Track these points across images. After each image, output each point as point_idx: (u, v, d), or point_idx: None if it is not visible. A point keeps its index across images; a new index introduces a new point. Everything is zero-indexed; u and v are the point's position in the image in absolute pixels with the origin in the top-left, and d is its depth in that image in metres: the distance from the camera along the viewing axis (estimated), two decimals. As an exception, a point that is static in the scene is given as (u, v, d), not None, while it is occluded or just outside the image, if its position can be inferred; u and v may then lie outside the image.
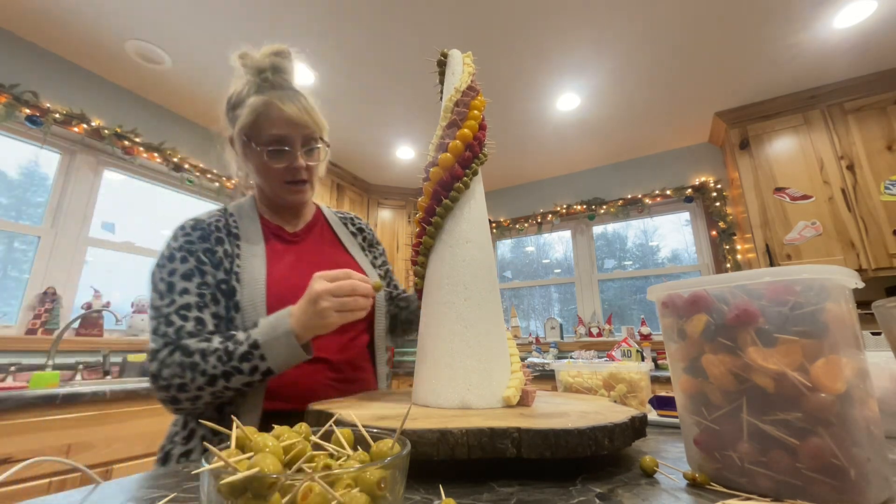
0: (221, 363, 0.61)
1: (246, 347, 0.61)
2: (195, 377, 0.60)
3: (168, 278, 0.68)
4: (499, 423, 0.40)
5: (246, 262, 0.72)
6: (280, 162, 0.75)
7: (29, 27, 1.94)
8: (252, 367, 0.61)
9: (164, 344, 0.63)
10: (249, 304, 0.69)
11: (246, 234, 0.77)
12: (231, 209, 0.82)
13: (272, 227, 0.82)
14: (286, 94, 0.75)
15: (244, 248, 0.75)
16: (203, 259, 0.71)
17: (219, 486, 0.21)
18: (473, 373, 0.54)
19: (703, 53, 2.16)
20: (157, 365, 0.62)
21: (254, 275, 0.71)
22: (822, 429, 0.29)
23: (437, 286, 0.59)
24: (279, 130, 0.73)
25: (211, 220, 0.77)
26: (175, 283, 0.68)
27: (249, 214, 0.81)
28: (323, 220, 0.92)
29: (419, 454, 0.37)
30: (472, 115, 0.64)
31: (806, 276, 0.31)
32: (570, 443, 0.38)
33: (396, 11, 1.88)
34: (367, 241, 0.96)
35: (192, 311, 0.67)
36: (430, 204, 0.62)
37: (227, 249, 0.73)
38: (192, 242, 0.72)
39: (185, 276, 0.69)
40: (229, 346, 0.62)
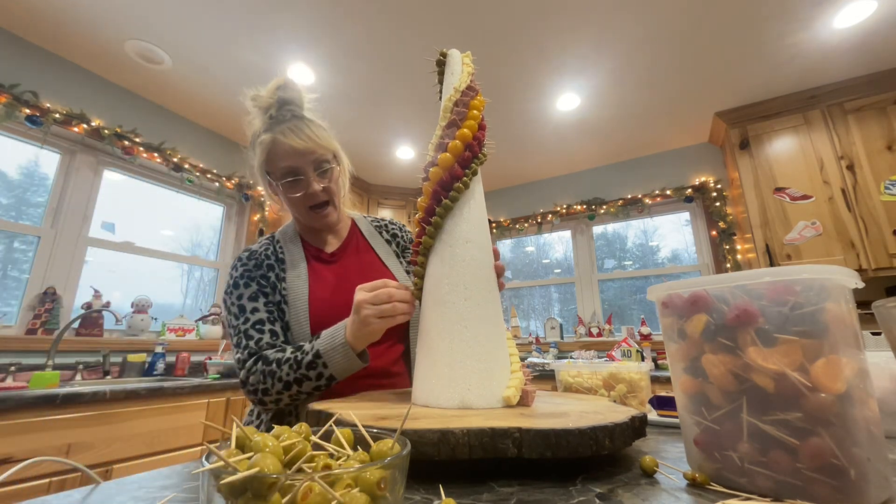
0: (293, 371, 0.69)
1: (311, 357, 0.69)
2: (274, 383, 0.69)
3: (238, 301, 0.78)
4: (499, 423, 0.40)
5: (291, 285, 0.81)
6: (297, 191, 0.81)
7: (29, 27, 1.94)
8: (318, 374, 0.69)
9: (249, 355, 0.73)
10: (296, 323, 0.77)
11: (290, 258, 0.85)
12: (278, 235, 0.90)
13: (312, 250, 0.89)
14: (289, 126, 0.80)
15: (289, 272, 0.83)
16: (262, 283, 0.81)
17: (218, 487, 0.21)
18: (473, 373, 0.54)
19: (703, 53, 2.16)
20: (244, 373, 0.72)
21: (298, 295, 0.79)
22: (822, 429, 0.29)
23: (437, 286, 0.59)
24: (288, 162, 0.79)
25: (261, 248, 0.86)
26: (245, 304, 0.78)
27: (292, 239, 0.89)
28: (358, 234, 0.97)
29: (420, 454, 0.37)
30: (471, 115, 0.64)
31: (806, 276, 0.31)
32: (570, 443, 0.38)
33: (396, 11, 1.88)
34: (401, 246, 0.99)
35: (265, 325, 0.76)
36: (429, 204, 0.62)
37: (277, 274, 0.82)
38: (249, 270, 0.81)
39: (252, 297, 0.79)
40: (298, 355, 0.70)
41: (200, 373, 2.26)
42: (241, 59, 2.16)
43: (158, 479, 0.41)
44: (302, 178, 0.80)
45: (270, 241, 0.89)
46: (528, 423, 0.40)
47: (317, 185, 0.81)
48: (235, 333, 0.76)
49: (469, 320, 0.57)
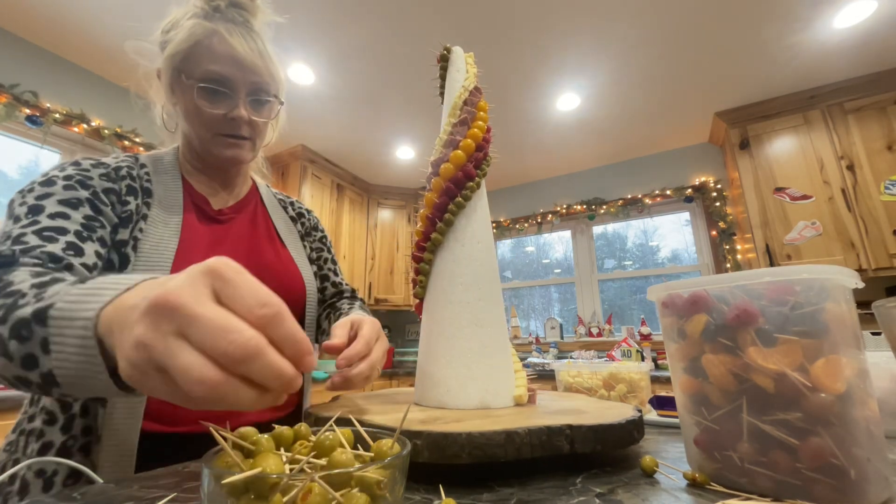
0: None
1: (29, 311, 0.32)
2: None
3: (36, 202, 0.48)
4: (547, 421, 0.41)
5: (152, 230, 0.56)
6: (216, 106, 0.60)
7: (29, 27, 1.94)
8: (26, 356, 0.32)
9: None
10: None
11: (161, 195, 0.60)
12: (144, 160, 0.64)
13: (195, 196, 0.66)
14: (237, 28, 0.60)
15: (155, 210, 0.58)
16: (102, 198, 0.53)
17: (220, 487, 0.21)
18: (490, 373, 0.54)
19: (703, 53, 2.16)
20: None
21: (159, 248, 0.55)
22: (822, 429, 0.29)
23: (451, 284, 0.59)
24: (220, 68, 0.58)
25: (121, 164, 0.60)
26: (44, 206, 0.48)
27: (169, 171, 0.64)
28: (258, 200, 0.76)
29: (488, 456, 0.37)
30: (479, 116, 0.64)
31: (806, 276, 0.31)
32: (614, 436, 0.41)
33: (396, 12, 1.88)
34: (306, 227, 0.82)
35: (65, 234, 0.47)
36: (441, 200, 0.61)
37: (137, 206, 0.57)
38: (88, 177, 0.54)
39: (68, 203, 0.50)
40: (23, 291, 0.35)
41: (200, 373, 2.26)
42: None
43: (158, 479, 0.41)
44: (229, 94, 0.60)
45: (133, 161, 0.62)
46: (577, 419, 0.42)
47: (245, 111, 0.61)
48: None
49: (483, 320, 0.57)
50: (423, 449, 0.37)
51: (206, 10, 0.61)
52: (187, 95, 0.60)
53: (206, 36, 0.59)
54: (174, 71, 0.61)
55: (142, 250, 0.53)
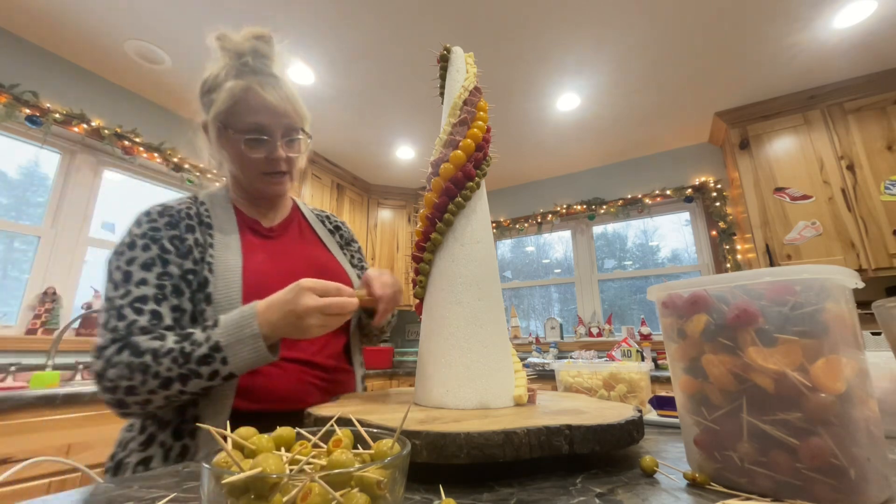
0: (177, 365, 0.55)
1: (206, 350, 0.56)
2: (146, 380, 0.55)
3: (126, 267, 0.63)
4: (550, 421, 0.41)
5: (220, 253, 0.68)
6: (258, 151, 0.71)
7: (29, 27, 1.94)
8: (212, 372, 0.56)
9: (111, 340, 0.58)
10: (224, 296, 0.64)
11: (219, 223, 0.72)
12: (203, 198, 0.77)
13: (247, 220, 0.78)
14: (267, 80, 0.71)
15: (218, 238, 0.70)
16: (168, 247, 0.66)
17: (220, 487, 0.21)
18: (489, 373, 0.54)
19: (703, 53, 2.16)
20: (102, 364, 0.56)
21: (229, 265, 0.67)
22: (822, 429, 0.29)
23: (450, 284, 0.59)
24: (259, 118, 0.69)
25: (181, 206, 0.72)
26: (133, 272, 0.62)
27: (223, 204, 0.76)
28: (300, 216, 0.88)
29: (486, 456, 0.37)
30: (479, 117, 0.64)
31: (806, 276, 0.31)
32: (613, 436, 0.41)
33: (396, 12, 1.88)
34: (345, 239, 0.93)
35: (148, 303, 0.61)
36: (440, 200, 0.61)
37: (198, 238, 0.68)
38: (157, 229, 0.67)
39: (145, 265, 0.63)
40: (185, 346, 0.56)
41: (200, 373, 2.26)
42: (241, 59, 2.15)
43: (158, 479, 0.41)
44: (268, 140, 0.71)
45: (193, 201, 0.75)
46: (576, 419, 0.42)
47: (282, 151, 0.72)
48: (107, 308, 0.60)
49: (483, 320, 0.57)
50: (421, 449, 0.37)
51: (237, 67, 0.72)
52: (233, 145, 0.72)
53: (242, 93, 0.69)
54: (220, 126, 0.72)
55: (216, 270, 0.66)
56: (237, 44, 0.72)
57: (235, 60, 0.72)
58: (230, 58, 0.72)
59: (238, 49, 0.72)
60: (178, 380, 0.56)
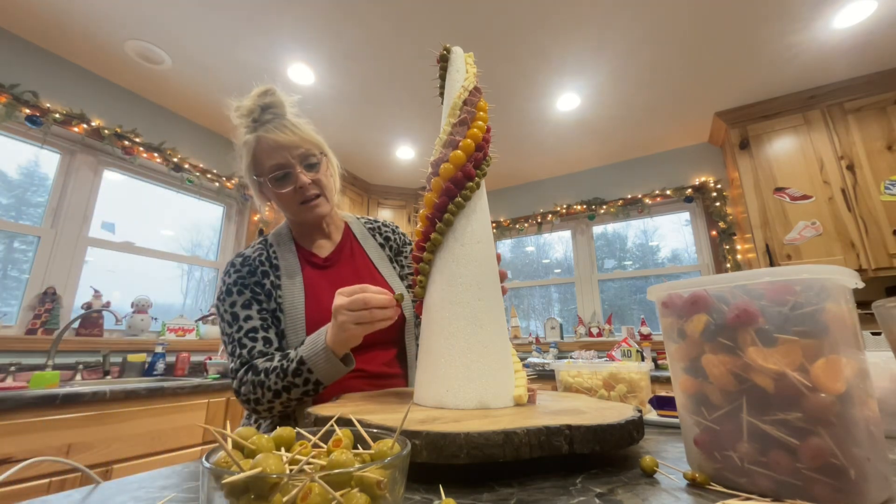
0: (280, 379, 0.69)
1: (295, 364, 0.68)
2: (264, 393, 0.70)
3: (231, 309, 0.77)
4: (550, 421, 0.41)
5: (286, 293, 0.80)
6: (286, 186, 0.80)
7: (29, 27, 1.94)
8: (304, 381, 0.68)
9: (240, 364, 0.74)
10: (292, 331, 0.77)
11: (285, 264, 0.84)
12: (271, 239, 0.88)
13: (306, 255, 0.88)
14: (272, 124, 0.80)
15: (284, 279, 0.81)
16: (256, 290, 0.80)
17: (220, 487, 0.21)
18: (489, 373, 0.54)
19: (703, 53, 2.16)
20: (237, 383, 0.73)
21: (294, 303, 0.79)
22: (822, 429, 0.29)
23: (450, 284, 0.59)
24: (274, 159, 0.78)
25: (254, 254, 0.84)
26: (238, 312, 0.77)
27: (286, 243, 0.87)
28: (352, 237, 0.95)
29: (486, 456, 0.37)
30: (479, 116, 0.64)
31: (806, 276, 0.31)
32: (613, 436, 0.41)
33: (396, 12, 1.88)
34: (394, 249, 0.98)
35: (259, 332, 0.76)
36: (441, 200, 0.61)
37: (272, 281, 0.81)
38: (243, 277, 0.80)
39: (245, 305, 0.78)
40: (284, 363, 0.70)
41: (200, 373, 2.26)
42: (241, 59, 2.16)
43: (158, 479, 0.41)
44: (290, 172, 0.79)
45: (264, 245, 0.87)
46: (576, 419, 0.42)
47: (305, 177, 0.80)
48: (229, 342, 0.76)
49: (483, 320, 0.57)
50: (421, 449, 0.37)
51: (248, 125, 0.81)
52: (267, 190, 0.82)
53: (255, 143, 0.80)
54: (252, 181, 0.84)
55: (285, 309, 0.78)
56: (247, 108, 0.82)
57: (248, 120, 0.82)
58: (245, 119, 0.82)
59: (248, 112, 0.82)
60: (284, 390, 0.69)
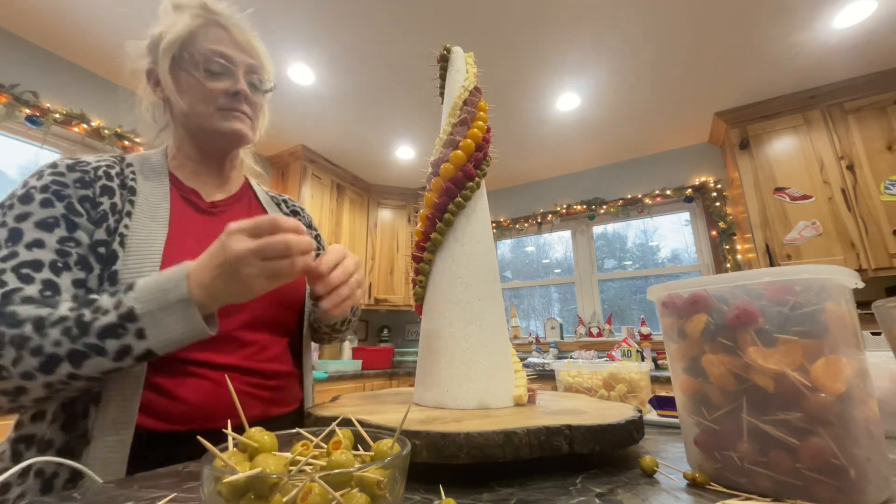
0: (69, 338, 0.42)
1: (114, 318, 0.43)
2: (21, 357, 0.41)
3: (14, 223, 0.49)
4: (550, 421, 0.41)
5: (138, 225, 0.55)
6: (219, 81, 0.62)
7: (29, 27, 1.94)
8: (121, 348, 0.43)
9: None
10: (133, 277, 0.50)
11: (146, 190, 0.60)
12: (131, 159, 0.64)
13: (185, 190, 0.65)
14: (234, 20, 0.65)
15: (140, 206, 0.57)
16: (78, 209, 0.53)
17: (220, 487, 0.21)
18: (489, 373, 0.55)
19: (703, 53, 2.16)
20: None
21: (147, 241, 0.54)
22: (822, 429, 0.29)
23: (450, 284, 0.59)
24: (221, 47, 0.62)
25: (100, 163, 0.59)
26: (23, 230, 0.49)
27: (156, 169, 0.64)
28: (252, 195, 0.77)
29: (486, 456, 0.37)
30: (479, 116, 0.64)
31: (806, 276, 0.31)
32: (614, 436, 0.41)
33: (396, 12, 1.88)
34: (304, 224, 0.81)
35: (41, 270, 0.47)
36: (441, 200, 0.61)
37: (115, 204, 0.56)
38: (64, 184, 0.53)
39: (43, 224, 0.50)
40: (85, 314, 0.43)
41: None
42: (241, 59, 2.15)
43: (158, 479, 0.41)
44: (230, 71, 0.63)
45: (118, 161, 0.62)
46: (576, 419, 0.42)
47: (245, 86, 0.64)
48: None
49: (483, 320, 0.57)
50: (421, 449, 0.37)
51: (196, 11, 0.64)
52: (189, 76, 0.62)
53: (204, 24, 0.63)
54: (172, 59, 0.62)
55: (130, 245, 0.53)
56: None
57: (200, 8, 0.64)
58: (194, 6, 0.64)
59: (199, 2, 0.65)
60: (69, 359, 0.42)
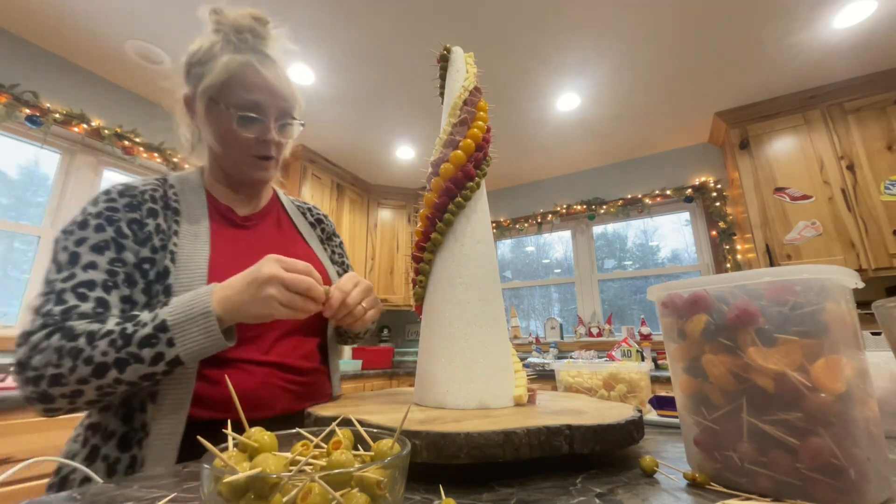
0: (114, 349, 0.49)
1: (150, 329, 0.50)
2: (76, 366, 0.48)
3: (74, 248, 0.56)
4: (550, 421, 0.41)
5: (185, 242, 0.63)
6: (251, 131, 0.67)
7: (29, 27, 1.94)
8: (155, 355, 0.50)
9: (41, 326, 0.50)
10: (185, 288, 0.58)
11: (188, 210, 0.67)
12: (172, 180, 0.71)
13: (221, 208, 0.72)
14: (266, 59, 0.68)
15: (184, 226, 0.65)
16: (125, 231, 0.60)
17: (220, 487, 0.21)
18: (489, 373, 0.54)
19: (704, 53, 2.16)
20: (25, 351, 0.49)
21: (193, 256, 0.61)
22: (822, 429, 0.29)
23: (450, 284, 0.59)
24: (256, 96, 0.65)
25: (146, 187, 0.66)
26: (81, 254, 0.56)
27: (195, 189, 0.71)
28: (280, 206, 0.83)
29: (486, 456, 0.37)
30: (479, 117, 0.64)
31: (806, 276, 0.31)
32: (614, 436, 0.41)
33: (396, 12, 1.88)
34: (326, 233, 0.89)
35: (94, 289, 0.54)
36: (441, 201, 0.61)
37: (160, 224, 0.63)
38: (115, 209, 0.61)
39: (97, 247, 0.57)
40: (128, 327, 0.50)
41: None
42: (241, 59, 2.15)
43: (158, 480, 0.41)
44: (262, 120, 0.67)
45: (161, 183, 0.69)
46: (576, 419, 0.42)
47: (275, 134, 0.68)
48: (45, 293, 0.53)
49: (483, 320, 0.57)
50: (421, 449, 0.37)
51: (235, 42, 0.67)
52: (223, 121, 0.66)
53: (240, 68, 0.65)
54: (210, 100, 0.66)
55: (179, 261, 0.60)
56: (236, 19, 0.68)
57: (233, 36, 0.67)
58: (227, 32, 0.67)
59: (237, 25, 0.67)
60: (115, 365, 0.49)
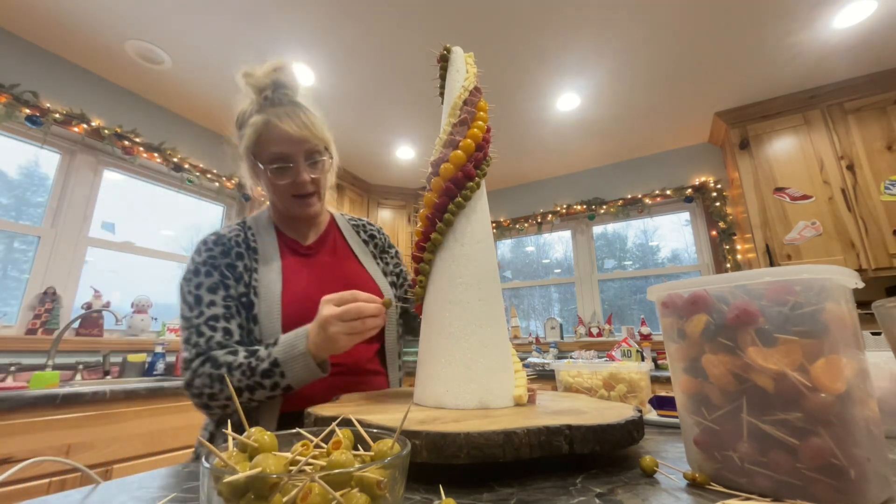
0: (245, 377, 0.65)
1: (267, 365, 0.65)
2: (223, 389, 0.65)
3: (195, 291, 0.73)
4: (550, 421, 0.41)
5: (263, 277, 0.77)
6: (284, 178, 0.78)
7: (29, 27, 1.94)
8: (273, 384, 0.65)
9: (196, 354, 0.68)
10: (266, 317, 0.73)
11: (263, 248, 0.81)
12: (249, 223, 0.86)
13: (288, 241, 0.86)
14: (285, 110, 0.77)
15: (262, 262, 0.79)
16: (226, 273, 0.75)
17: (220, 487, 0.21)
18: (489, 373, 0.54)
19: (703, 53, 2.16)
20: (189, 374, 0.67)
21: (270, 289, 0.75)
22: (822, 429, 0.29)
23: (450, 284, 0.59)
24: (280, 148, 0.76)
25: (231, 234, 0.81)
26: (202, 295, 0.72)
27: (266, 228, 0.85)
28: (336, 230, 0.94)
29: (486, 455, 0.37)
30: (479, 116, 0.64)
31: (806, 276, 0.31)
32: (613, 436, 0.41)
33: (396, 12, 1.88)
34: (380, 247, 0.98)
35: (219, 321, 0.71)
36: (441, 201, 0.61)
37: (246, 264, 0.78)
38: (214, 257, 0.76)
39: (211, 288, 0.73)
40: (252, 361, 0.65)
41: (200, 373, 2.26)
42: (241, 60, 2.14)
43: (158, 479, 0.41)
44: (292, 166, 0.77)
45: (241, 227, 0.84)
46: (576, 420, 0.42)
47: (306, 174, 0.78)
48: (186, 327, 0.71)
49: (483, 320, 0.57)
50: (421, 449, 0.37)
51: (259, 102, 0.79)
52: (263, 175, 0.79)
53: (263, 127, 0.76)
54: (250, 160, 0.80)
55: (260, 293, 0.75)
56: (258, 79, 0.79)
57: (258, 95, 0.79)
58: (254, 93, 0.79)
59: (259, 85, 0.79)
60: (247, 390, 0.65)
